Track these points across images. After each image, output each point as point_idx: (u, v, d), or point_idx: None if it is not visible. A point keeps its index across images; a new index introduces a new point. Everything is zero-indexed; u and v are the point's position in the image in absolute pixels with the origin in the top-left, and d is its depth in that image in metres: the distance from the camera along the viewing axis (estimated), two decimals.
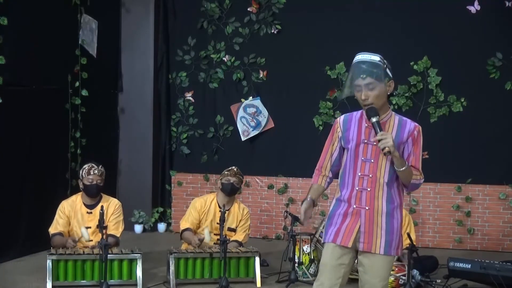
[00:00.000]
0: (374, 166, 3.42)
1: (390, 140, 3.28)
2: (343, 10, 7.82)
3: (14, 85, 6.49)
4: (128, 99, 8.35)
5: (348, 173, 3.49)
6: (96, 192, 5.78)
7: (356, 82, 3.40)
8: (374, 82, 3.36)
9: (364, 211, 3.43)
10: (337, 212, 3.51)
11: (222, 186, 6.03)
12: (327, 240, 3.50)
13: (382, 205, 3.42)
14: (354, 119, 3.54)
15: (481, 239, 7.56)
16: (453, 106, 7.56)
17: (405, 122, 3.52)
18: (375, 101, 3.38)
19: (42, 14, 6.86)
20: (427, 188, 7.65)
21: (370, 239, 3.41)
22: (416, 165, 3.50)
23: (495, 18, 7.41)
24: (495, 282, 5.23)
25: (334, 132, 3.59)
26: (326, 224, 3.56)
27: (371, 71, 3.36)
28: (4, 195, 6.40)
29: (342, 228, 3.45)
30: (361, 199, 3.43)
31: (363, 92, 3.37)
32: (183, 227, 6.00)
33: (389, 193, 3.44)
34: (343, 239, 3.44)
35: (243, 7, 8.12)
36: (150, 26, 8.31)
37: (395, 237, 3.44)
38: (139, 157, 8.29)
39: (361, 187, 3.43)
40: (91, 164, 5.78)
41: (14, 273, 5.98)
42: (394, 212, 3.44)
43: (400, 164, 3.37)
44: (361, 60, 3.42)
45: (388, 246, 3.42)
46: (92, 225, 5.75)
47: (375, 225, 3.42)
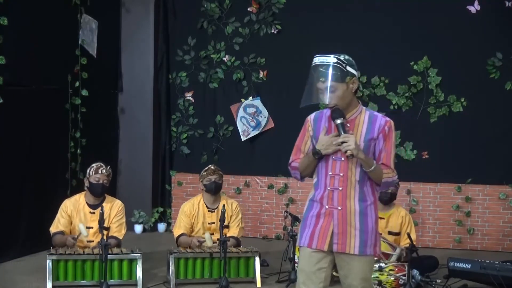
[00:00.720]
0: (345, 164, 3.35)
1: (352, 143, 3.22)
2: (343, 10, 7.82)
3: (14, 85, 6.49)
4: (128, 99, 8.35)
5: (320, 172, 3.42)
6: (101, 192, 5.77)
7: (317, 85, 3.35)
8: (334, 84, 3.31)
9: (337, 211, 3.36)
10: (310, 214, 3.44)
11: (205, 187, 6.02)
12: (302, 244, 3.43)
13: (354, 205, 3.36)
14: (325, 117, 3.46)
15: (481, 239, 7.56)
16: (453, 106, 7.56)
17: (376, 117, 3.43)
18: (339, 102, 3.33)
19: (42, 14, 6.86)
20: (427, 188, 7.65)
21: (344, 240, 3.35)
22: (388, 162, 3.38)
23: (495, 18, 7.42)
24: (495, 282, 5.24)
25: (306, 131, 3.52)
26: (300, 226, 3.50)
27: (330, 73, 3.31)
28: (4, 195, 6.40)
29: (316, 231, 3.39)
30: (333, 199, 3.37)
31: (325, 95, 3.32)
32: (177, 233, 5.98)
33: (362, 192, 3.37)
34: (319, 243, 3.38)
35: (243, 7, 8.12)
36: (150, 26, 8.31)
37: (370, 236, 3.38)
38: (139, 157, 8.30)
39: (333, 187, 3.37)
40: (99, 164, 5.79)
41: (14, 273, 5.99)
42: (368, 210, 3.38)
43: (368, 165, 3.30)
44: (318, 63, 3.36)
45: (363, 246, 3.36)
46: (95, 225, 5.73)
47: (349, 225, 3.35)
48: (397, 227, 6.02)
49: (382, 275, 5.49)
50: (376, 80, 7.71)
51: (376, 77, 7.71)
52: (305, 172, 3.49)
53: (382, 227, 6.04)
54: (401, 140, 7.70)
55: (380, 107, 7.72)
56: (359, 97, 7.75)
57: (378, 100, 7.74)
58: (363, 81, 7.73)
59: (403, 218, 6.05)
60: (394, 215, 6.06)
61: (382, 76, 7.71)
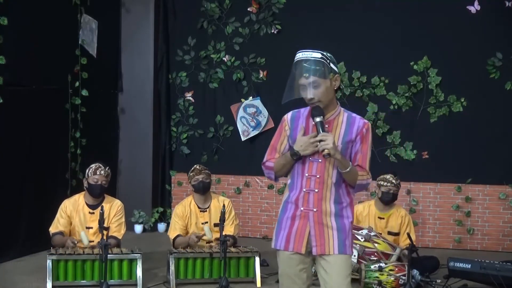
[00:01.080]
0: (322, 166, 3.27)
1: (330, 142, 3.13)
2: (343, 10, 7.82)
3: (14, 85, 6.50)
4: (128, 99, 8.34)
5: (296, 173, 3.34)
6: (100, 193, 5.77)
7: (300, 81, 3.25)
8: (318, 79, 3.21)
9: (312, 213, 3.29)
10: (285, 216, 3.37)
11: (194, 187, 6.02)
12: (278, 246, 3.36)
13: (330, 207, 3.29)
14: (302, 116, 3.37)
15: (481, 239, 7.56)
16: (453, 106, 7.56)
17: (354, 119, 3.33)
18: (322, 98, 3.23)
19: (42, 14, 6.86)
20: (427, 188, 7.65)
21: (323, 241, 3.28)
22: (363, 164, 3.30)
23: (495, 18, 7.42)
24: (495, 282, 5.24)
25: (282, 130, 3.42)
26: (275, 229, 3.41)
27: (314, 69, 3.21)
28: (4, 195, 6.40)
29: (292, 233, 3.32)
30: (308, 200, 3.29)
31: (308, 90, 3.23)
32: (172, 236, 5.97)
33: (337, 194, 3.30)
34: (295, 245, 3.31)
35: (243, 7, 8.12)
36: (150, 26, 8.31)
37: (348, 235, 3.32)
38: (139, 157, 8.29)
39: (309, 188, 3.29)
40: (98, 164, 5.79)
41: (14, 273, 5.98)
42: (343, 212, 3.32)
43: (343, 166, 3.22)
44: (303, 59, 3.25)
45: (342, 246, 3.29)
46: (94, 226, 5.73)
47: (325, 226, 3.28)
48: (396, 227, 6.03)
49: (382, 275, 5.49)
50: (376, 80, 7.71)
51: (376, 77, 7.71)
52: (280, 172, 3.40)
53: (382, 227, 6.06)
54: (401, 140, 7.70)
55: (380, 107, 7.72)
56: (359, 97, 7.77)
57: (378, 100, 7.74)
58: (363, 81, 7.74)
59: (403, 218, 6.05)
60: (393, 215, 6.07)
61: (382, 76, 7.70)
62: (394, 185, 5.95)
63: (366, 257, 5.70)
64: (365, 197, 7.76)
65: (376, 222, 6.06)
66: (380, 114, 7.72)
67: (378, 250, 5.72)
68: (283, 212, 3.39)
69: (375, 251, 5.72)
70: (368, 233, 5.82)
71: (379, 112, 7.72)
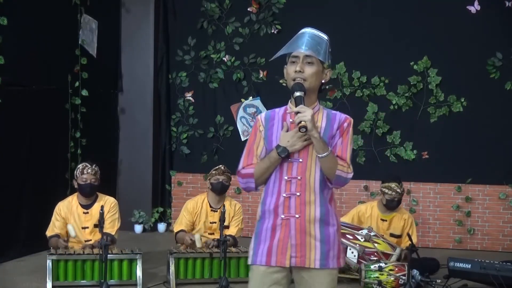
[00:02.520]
0: (303, 166, 2.94)
1: (308, 114, 2.82)
2: (343, 10, 7.81)
3: (14, 85, 6.50)
4: (128, 99, 8.34)
5: (273, 178, 2.98)
6: (90, 192, 5.74)
7: (295, 52, 2.98)
8: (314, 58, 2.96)
9: (294, 219, 2.93)
10: (263, 227, 2.98)
11: (212, 186, 6.02)
12: (258, 262, 2.96)
13: (314, 212, 2.93)
14: (277, 116, 3.05)
15: (481, 239, 7.56)
16: (453, 106, 7.56)
17: (335, 115, 3.05)
18: (309, 78, 2.94)
19: (42, 14, 6.86)
20: (427, 188, 7.65)
21: (303, 252, 2.92)
22: (343, 155, 2.97)
23: (495, 18, 7.42)
24: (495, 282, 5.23)
25: (257, 132, 3.06)
26: (253, 243, 3.02)
27: (316, 46, 2.98)
28: (4, 195, 6.40)
29: (273, 245, 2.94)
30: (289, 206, 2.93)
31: (300, 64, 2.95)
32: (176, 229, 6.01)
33: (322, 197, 2.95)
34: (278, 258, 2.93)
35: (243, 7, 8.12)
36: (150, 26, 8.31)
37: (332, 246, 2.96)
38: (139, 157, 8.29)
39: (289, 193, 2.94)
40: (85, 164, 5.78)
41: (14, 273, 5.98)
42: (329, 217, 2.96)
43: (321, 149, 2.87)
44: (308, 32, 3.04)
45: (324, 258, 2.93)
46: (89, 225, 5.75)
47: (308, 235, 2.92)
48: (399, 230, 6.02)
49: (382, 275, 5.49)
50: (376, 80, 7.71)
51: (376, 77, 7.71)
52: (262, 178, 3.00)
53: (384, 228, 6.06)
54: (401, 140, 7.70)
55: (380, 107, 7.72)
56: (359, 97, 7.77)
57: (378, 100, 7.74)
58: (363, 81, 7.74)
59: (406, 220, 6.06)
60: (396, 217, 6.07)
61: (382, 76, 7.70)
62: (398, 193, 5.97)
63: (366, 257, 5.70)
64: (365, 197, 7.77)
65: (379, 224, 6.06)
66: (380, 114, 7.72)
67: (378, 250, 5.72)
68: (262, 222, 3.00)
69: (375, 251, 5.72)
70: (368, 233, 5.82)
71: (379, 112, 7.72)
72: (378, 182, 7.74)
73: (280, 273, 2.96)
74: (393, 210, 6.05)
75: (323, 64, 3.01)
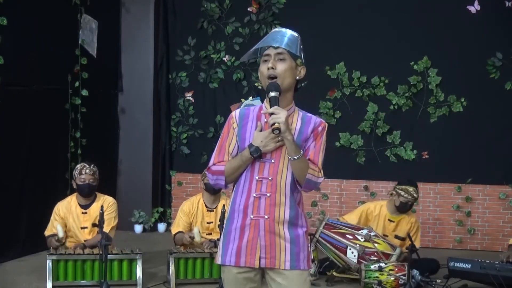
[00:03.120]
0: (275, 167, 2.91)
1: (283, 116, 2.79)
2: (343, 10, 7.81)
3: (14, 85, 6.49)
4: (128, 99, 8.34)
5: (244, 177, 2.95)
6: (88, 192, 5.75)
7: (266, 51, 2.93)
8: (286, 54, 2.92)
9: (263, 220, 2.90)
10: (232, 227, 2.95)
11: (205, 186, 6.05)
12: (227, 262, 2.94)
13: (283, 213, 2.91)
14: (252, 114, 3.00)
15: (481, 239, 7.57)
16: (453, 106, 7.56)
17: (310, 118, 3.00)
18: (282, 75, 2.90)
19: (42, 14, 6.86)
20: (427, 188, 7.65)
21: (273, 253, 2.90)
22: (315, 159, 2.93)
23: (495, 18, 7.42)
24: (495, 282, 5.23)
25: (230, 129, 3.01)
26: (222, 242, 2.99)
27: (286, 43, 2.93)
28: (4, 195, 6.40)
29: (242, 245, 2.92)
30: (259, 207, 2.91)
31: (272, 61, 2.91)
32: (174, 231, 6.01)
33: (292, 199, 2.93)
34: (247, 259, 2.91)
35: (243, 7, 8.12)
36: (150, 26, 8.30)
37: (302, 248, 2.94)
38: (139, 157, 8.29)
39: (259, 193, 2.91)
40: (83, 164, 5.81)
41: (14, 273, 5.99)
42: (298, 220, 2.94)
43: (293, 151, 2.84)
44: (278, 30, 3.01)
45: (295, 260, 2.91)
46: (88, 225, 5.76)
47: (277, 236, 2.91)
48: (405, 232, 6.00)
49: (382, 275, 5.49)
50: (376, 80, 7.71)
51: (376, 77, 7.71)
52: (232, 177, 2.96)
53: (390, 230, 6.06)
54: (401, 140, 7.70)
55: (380, 107, 7.72)
56: (359, 97, 7.77)
57: (378, 100, 7.74)
58: (363, 81, 7.73)
59: (412, 224, 6.06)
60: (404, 220, 6.07)
61: (382, 76, 7.70)
62: (414, 198, 5.97)
63: (366, 257, 5.70)
64: (365, 197, 7.77)
65: (386, 224, 6.06)
66: (380, 114, 7.72)
67: (378, 250, 5.72)
68: (230, 222, 2.96)
69: (375, 251, 5.72)
70: (368, 233, 5.82)
71: (379, 112, 7.72)
72: (378, 182, 7.78)
73: (251, 273, 2.95)
74: (403, 213, 6.05)
75: (296, 61, 2.97)
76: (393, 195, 6.02)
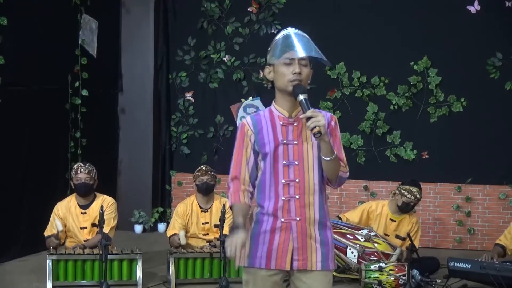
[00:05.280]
0: (301, 169, 2.93)
1: (321, 119, 2.78)
2: (343, 10, 7.81)
3: (14, 85, 6.49)
4: (128, 99, 8.34)
5: (268, 182, 2.95)
6: (85, 191, 5.76)
7: (289, 54, 2.91)
8: (307, 61, 2.94)
9: (295, 222, 2.92)
10: (261, 230, 2.95)
11: (197, 187, 6.07)
12: (257, 264, 2.94)
13: (314, 213, 2.94)
14: (264, 119, 3.00)
15: (481, 239, 7.56)
16: (453, 106, 7.56)
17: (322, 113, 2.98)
18: (305, 80, 2.94)
19: (42, 14, 6.86)
20: (427, 188, 7.64)
21: (305, 255, 2.93)
22: (340, 156, 2.95)
23: (495, 18, 7.42)
24: (495, 282, 5.23)
25: (245, 136, 3.02)
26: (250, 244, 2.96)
27: (311, 48, 2.94)
28: (4, 195, 6.41)
29: (273, 248, 2.93)
30: (289, 209, 2.92)
31: (298, 65, 2.90)
32: (169, 234, 6.03)
33: (321, 198, 2.97)
34: (278, 262, 2.93)
35: (243, 7, 8.12)
36: (150, 26, 8.30)
37: (330, 248, 2.98)
38: (139, 157, 8.29)
39: (288, 196, 2.92)
40: (79, 164, 5.86)
41: (14, 273, 5.99)
42: (327, 220, 2.99)
43: (330, 152, 2.84)
44: (300, 34, 2.97)
45: (325, 260, 2.95)
46: (88, 225, 5.76)
47: (309, 237, 2.93)
48: (405, 232, 6.00)
49: (382, 275, 5.49)
50: (376, 80, 7.71)
51: (376, 77, 7.71)
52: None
53: (391, 229, 6.06)
54: (401, 140, 7.70)
55: (380, 107, 7.72)
56: (359, 97, 7.77)
57: (378, 100, 7.74)
58: (363, 81, 7.74)
59: (413, 225, 6.07)
60: (406, 220, 6.07)
61: (382, 76, 7.70)
62: (417, 199, 5.98)
63: (366, 257, 5.70)
64: (365, 197, 7.77)
65: (387, 224, 6.06)
66: (380, 114, 7.72)
67: (378, 250, 5.72)
68: (258, 225, 2.96)
69: (375, 251, 5.72)
70: (368, 233, 5.83)
71: (379, 112, 7.72)
72: (378, 182, 7.78)
73: (278, 276, 2.97)
74: (405, 213, 6.06)
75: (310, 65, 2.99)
76: (396, 195, 6.03)
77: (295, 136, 2.95)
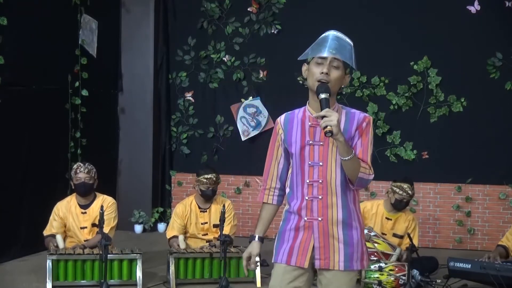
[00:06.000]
0: (324, 170, 2.98)
1: (334, 119, 2.81)
2: (343, 10, 7.81)
3: (14, 85, 6.49)
4: (128, 99, 8.34)
5: (296, 181, 3.04)
6: (85, 191, 5.77)
7: (322, 53, 2.97)
8: (340, 63, 2.98)
9: (317, 222, 2.99)
10: (287, 227, 3.06)
11: (202, 192, 6.03)
12: (279, 260, 3.05)
13: (337, 214, 2.98)
14: (296, 118, 3.07)
15: (481, 239, 7.56)
16: (453, 106, 7.56)
17: (354, 114, 3.07)
18: (333, 82, 2.96)
19: (42, 14, 6.86)
20: (427, 188, 7.65)
21: (327, 254, 2.98)
22: (364, 157, 2.97)
23: (495, 18, 7.42)
24: (495, 282, 5.23)
25: (276, 135, 3.11)
26: (276, 241, 3.12)
27: (343, 52, 3.00)
28: (4, 195, 6.41)
29: (295, 246, 3.02)
30: (312, 209, 2.99)
31: (327, 66, 2.94)
32: (169, 235, 6.03)
33: (344, 199, 2.99)
34: (298, 259, 3.01)
35: (243, 7, 8.12)
36: (150, 26, 8.30)
37: (356, 249, 3.01)
38: (139, 157, 8.29)
39: (311, 196, 2.99)
40: (78, 163, 5.87)
41: (14, 273, 5.99)
42: (352, 220, 3.01)
43: (346, 152, 2.87)
44: (338, 36, 3.06)
45: (348, 260, 2.99)
46: (88, 225, 5.77)
47: (331, 237, 2.98)
48: (402, 230, 6.01)
49: (382, 275, 5.49)
50: (376, 80, 7.71)
51: (376, 77, 7.71)
52: None
53: (388, 228, 6.06)
54: (401, 140, 7.71)
55: (380, 107, 7.72)
56: (359, 97, 7.77)
57: (378, 100, 7.74)
58: (363, 81, 7.74)
59: (410, 222, 6.06)
60: (402, 218, 6.07)
61: (382, 76, 7.71)
62: (409, 195, 5.98)
63: None
64: (365, 197, 7.76)
65: (383, 223, 6.06)
66: (380, 114, 7.72)
67: (378, 250, 5.72)
68: (286, 223, 3.09)
69: (375, 251, 5.71)
70: (368, 233, 5.82)
71: (379, 112, 7.73)
72: (378, 182, 7.77)
73: (298, 271, 3.03)
74: (399, 210, 6.06)
75: (346, 70, 3.03)
76: (389, 193, 6.05)
77: (321, 137, 2.99)
